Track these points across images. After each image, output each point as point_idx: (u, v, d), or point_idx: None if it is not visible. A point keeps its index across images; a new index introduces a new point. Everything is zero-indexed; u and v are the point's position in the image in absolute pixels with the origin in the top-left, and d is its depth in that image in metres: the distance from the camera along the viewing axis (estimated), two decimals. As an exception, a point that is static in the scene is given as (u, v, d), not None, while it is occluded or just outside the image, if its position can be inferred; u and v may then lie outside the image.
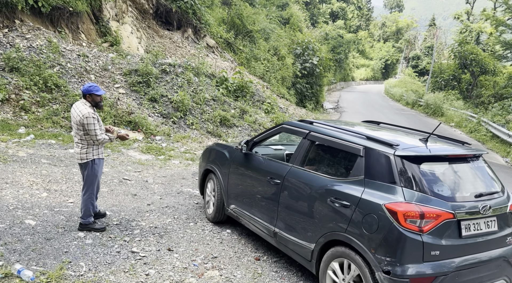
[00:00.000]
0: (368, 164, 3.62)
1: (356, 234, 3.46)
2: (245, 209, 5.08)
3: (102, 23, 14.76)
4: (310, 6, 60.05)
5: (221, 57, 18.83)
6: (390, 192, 3.38)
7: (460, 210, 3.36)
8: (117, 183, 7.07)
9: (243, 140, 5.31)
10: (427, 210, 3.23)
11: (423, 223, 3.21)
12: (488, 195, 3.65)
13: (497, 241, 3.62)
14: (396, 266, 3.20)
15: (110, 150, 8.96)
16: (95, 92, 4.91)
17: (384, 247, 3.26)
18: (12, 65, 9.94)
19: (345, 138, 3.95)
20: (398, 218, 3.21)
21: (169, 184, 7.53)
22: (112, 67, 12.25)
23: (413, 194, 3.32)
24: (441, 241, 3.27)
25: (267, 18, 24.20)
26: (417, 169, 3.44)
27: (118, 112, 10.53)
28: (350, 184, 3.66)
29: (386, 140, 3.67)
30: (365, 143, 3.75)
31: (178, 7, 18.51)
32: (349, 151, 3.86)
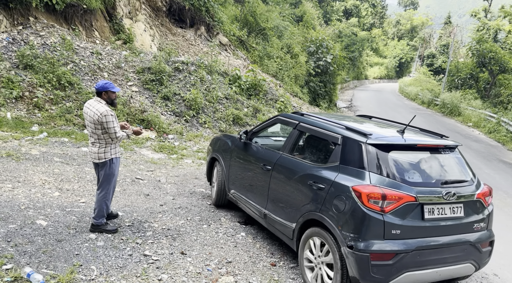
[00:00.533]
0: (344, 152, 3.98)
1: (327, 213, 3.82)
2: (242, 193, 5.54)
3: (115, 20, 14.72)
4: (323, 4, 59.46)
5: (234, 55, 18.67)
6: (359, 176, 3.72)
7: (422, 194, 3.63)
8: (129, 183, 6.97)
9: (243, 130, 5.84)
10: (389, 193, 3.54)
11: (385, 204, 3.52)
12: (455, 183, 3.92)
13: (463, 227, 3.87)
14: (359, 242, 3.52)
15: (123, 149, 8.87)
16: (111, 89, 4.79)
17: (349, 225, 3.60)
18: (26, 62, 9.93)
19: (327, 128, 4.34)
20: (362, 198, 3.55)
21: (181, 184, 7.40)
22: (125, 65, 12.19)
23: (379, 178, 3.65)
24: (403, 221, 3.56)
25: (280, 15, 23.94)
26: (385, 156, 3.77)
27: (131, 110, 10.44)
28: (328, 169, 4.03)
29: (362, 130, 4.01)
30: (343, 132, 4.11)
31: (191, 4, 18.40)
32: (330, 140, 4.23)
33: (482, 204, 4.05)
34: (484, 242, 3.99)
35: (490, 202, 4.18)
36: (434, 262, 3.70)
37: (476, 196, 3.98)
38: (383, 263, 3.51)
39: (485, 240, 4.01)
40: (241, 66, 17.15)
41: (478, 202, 4.01)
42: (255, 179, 5.22)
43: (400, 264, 3.54)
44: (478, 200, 4.00)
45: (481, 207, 4.04)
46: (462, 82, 35.13)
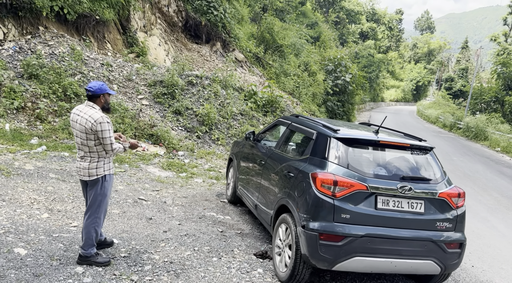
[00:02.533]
0: (315, 145, 4.43)
1: (291, 197, 4.29)
2: (245, 188, 6.09)
3: (129, 33, 14.27)
4: (339, 26, 59.37)
5: (250, 72, 18.04)
6: (321, 165, 4.13)
7: (375, 184, 3.92)
8: (131, 204, 6.12)
9: (250, 130, 6.55)
10: (341, 180, 3.90)
11: (336, 189, 3.87)
12: (416, 180, 4.12)
13: (423, 223, 4.01)
14: (310, 222, 3.88)
15: (128, 165, 8.08)
16: (109, 91, 4.04)
17: (305, 207, 3.99)
18: (31, 72, 9.36)
19: (309, 126, 4.85)
20: (316, 183, 3.94)
21: (190, 206, 6.53)
22: (136, 78, 11.58)
23: (337, 168, 4.03)
24: (353, 208, 3.86)
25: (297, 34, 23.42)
26: (346, 149, 4.16)
27: (139, 124, 9.72)
28: (300, 161, 4.50)
29: (334, 128, 4.41)
30: (318, 129, 4.58)
31: (208, 20, 17.98)
32: (308, 136, 4.71)
33: (447, 204, 4.15)
34: (450, 242, 4.06)
35: (460, 205, 4.24)
36: (388, 252, 3.86)
37: (439, 194, 4.10)
38: (331, 243, 3.76)
39: (452, 241, 4.07)
40: (257, 83, 16.47)
41: (442, 202, 4.12)
42: (253, 174, 5.78)
43: (349, 247, 3.75)
44: (441, 199, 4.12)
45: (446, 207, 4.14)
46: (486, 105, 33.81)
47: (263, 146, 5.97)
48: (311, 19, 44.32)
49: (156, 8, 16.81)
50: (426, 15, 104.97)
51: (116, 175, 7.32)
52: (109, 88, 4.09)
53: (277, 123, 6.05)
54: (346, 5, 59.62)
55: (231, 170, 7.05)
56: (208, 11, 17.79)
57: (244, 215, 6.56)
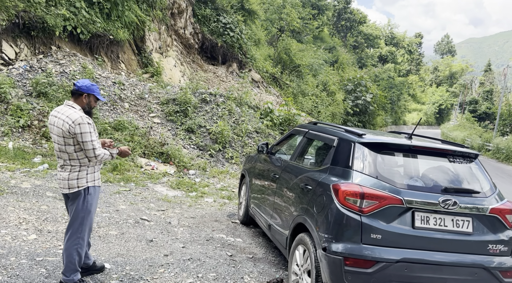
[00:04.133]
0: (336, 153, 3.79)
1: (309, 214, 3.63)
2: (258, 206, 5.42)
3: (144, 54, 14.13)
4: (358, 50, 59.15)
5: (266, 92, 17.61)
6: (344, 175, 3.48)
7: (411, 198, 3.26)
8: (131, 225, 5.51)
9: (263, 142, 6.00)
10: (369, 192, 3.24)
11: (364, 203, 3.22)
12: (461, 193, 3.45)
13: (471, 245, 3.34)
14: (332, 243, 3.22)
15: (134, 184, 7.53)
16: (97, 94, 3.51)
17: (325, 225, 3.33)
18: (39, 90, 9.11)
19: (329, 133, 4.21)
20: (338, 196, 3.29)
21: (197, 227, 5.86)
22: (149, 96, 11.24)
23: (364, 178, 3.37)
24: (386, 226, 3.21)
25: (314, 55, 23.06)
26: (374, 156, 3.52)
27: (149, 142, 9.25)
28: (319, 172, 3.86)
29: (359, 132, 3.76)
30: (340, 134, 3.95)
31: (224, 41, 17.83)
32: (328, 143, 4.09)
33: (501, 223, 3.46)
34: (506, 270, 3.37)
35: None
36: (430, 281, 3.22)
37: (490, 210, 3.41)
38: (359, 270, 3.15)
39: (508, 269, 3.38)
40: (274, 103, 15.96)
41: (494, 219, 3.45)
42: (266, 190, 5.15)
43: (382, 275, 3.14)
44: (493, 216, 3.44)
45: (499, 226, 3.46)
46: (515, 126, 32.26)
47: (277, 159, 5.34)
48: (328, 43, 44.26)
49: (173, 30, 16.79)
50: (447, 39, 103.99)
51: (120, 194, 6.76)
52: (101, 95, 3.54)
53: (293, 132, 5.40)
54: (364, 29, 59.60)
55: (243, 188, 6.39)
56: (224, 33, 17.67)
57: (257, 238, 5.83)
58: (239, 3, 18.30)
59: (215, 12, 17.99)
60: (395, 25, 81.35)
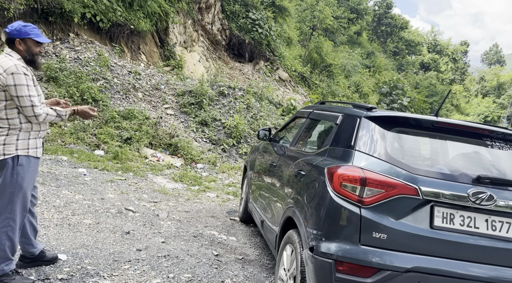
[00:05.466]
0: (338, 132, 3.01)
1: (299, 205, 2.92)
2: (255, 201, 4.75)
3: (167, 47, 13.77)
4: (398, 57, 56.89)
5: (294, 92, 16.79)
6: (343, 157, 2.73)
7: (430, 187, 2.43)
8: (112, 214, 4.89)
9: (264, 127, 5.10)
10: (373, 177, 2.47)
11: (365, 192, 2.46)
12: (500, 185, 2.52)
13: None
14: (321, 242, 2.49)
15: (132, 174, 6.96)
16: (34, 36, 2.90)
17: (315, 218, 2.61)
18: (50, 74, 8.82)
19: (335, 110, 3.37)
20: (333, 182, 2.57)
21: (188, 222, 5.16)
22: (165, 87, 10.77)
23: (368, 159, 2.61)
24: (393, 223, 2.41)
25: (348, 56, 21.97)
26: (384, 133, 2.72)
27: (158, 133, 8.70)
28: (316, 155, 3.13)
29: (369, 106, 2.98)
30: (346, 110, 3.14)
31: (252, 38, 17.24)
32: (331, 121, 3.31)
33: None
34: None
35: None
36: None
37: None
38: (355, 279, 2.35)
39: None
40: (300, 102, 15.12)
41: None
42: (263, 182, 4.48)
43: None
44: None
45: None
46: None
47: (279, 146, 4.68)
48: (367, 49, 42.73)
49: (199, 25, 16.40)
50: (495, 49, 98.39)
51: (112, 183, 6.20)
52: (39, 33, 2.92)
53: (297, 115, 4.61)
54: (405, 35, 57.36)
55: (245, 182, 5.71)
56: (252, 29, 17.08)
57: (254, 237, 5.05)
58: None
59: (244, 8, 17.46)
60: (439, 31, 78.06)
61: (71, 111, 3.08)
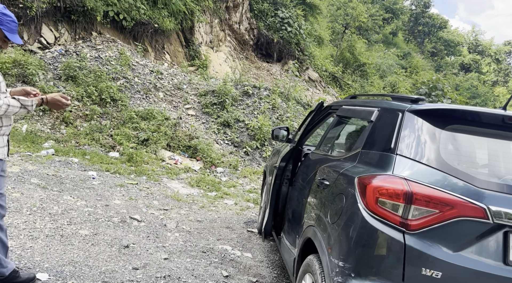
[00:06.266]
0: (372, 131, 2.36)
1: (321, 225, 2.32)
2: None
3: (192, 46, 13.36)
4: (436, 58, 54.42)
5: (324, 92, 15.97)
6: (379, 163, 2.10)
7: (503, 207, 1.78)
8: (114, 224, 4.36)
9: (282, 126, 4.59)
10: (421, 191, 1.83)
11: (411, 211, 1.81)
12: None
13: None
14: (350, 278, 1.88)
15: (146, 177, 6.47)
16: (7, 31, 2.42)
17: (340, 244, 2.01)
18: (68, 73, 8.55)
19: (368, 104, 2.68)
20: (366, 197, 1.93)
21: (199, 234, 4.56)
22: (187, 87, 10.31)
23: (410, 166, 1.98)
24: (451, 255, 1.78)
25: (383, 55, 20.84)
26: (435, 133, 2.06)
27: (176, 134, 8.21)
28: (344, 160, 2.51)
29: (413, 98, 2.29)
30: (384, 104, 2.45)
31: (281, 37, 16.58)
32: (364, 119, 2.63)
33: None
34: None
35: None
36: None
37: None
38: None
39: None
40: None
41: None
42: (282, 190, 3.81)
43: None
44: None
45: None
46: None
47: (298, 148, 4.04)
48: (403, 49, 41.00)
49: (227, 25, 15.94)
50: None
51: (122, 187, 5.71)
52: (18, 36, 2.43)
53: (322, 112, 3.85)
54: (444, 35, 54.84)
55: (264, 189, 5.05)
56: (281, 28, 16.43)
57: (273, 254, 4.38)
58: (300, -4, 16.99)
59: (273, 7, 16.85)
60: (480, 31, 74.41)
61: (39, 101, 2.57)
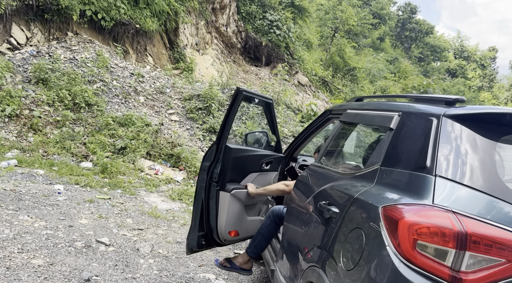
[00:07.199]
0: (394, 142, 1.78)
1: (330, 267, 1.74)
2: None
3: (177, 49, 12.74)
4: (423, 63, 54.79)
5: (314, 97, 15.50)
6: (411, 186, 1.53)
7: None
8: (76, 250, 3.70)
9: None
10: (482, 231, 1.29)
11: (465, 260, 1.27)
12: None
13: None
14: None
15: (121, 191, 5.80)
16: None
17: None
18: (39, 76, 7.85)
19: (382, 107, 2.16)
20: (398, 237, 1.37)
21: (177, 259, 3.93)
22: (170, 91, 9.68)
23: (458, 192, 1.43)
24: None
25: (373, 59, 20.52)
26: (486, 144, 1.51)
27: (157, 142, 7.57)
28: (356, 179, 1.92)
29: (447, 98, 1.74)
30: (406, 107, 1.87)
31: (269, 40, 16.09)
32: (379, 125, 2.13)
33: None
34: None
35: None
36: None
37: None
38: None
39: None
40: (321, 108, 13.79)
41: None
42: None
43: None
44: None
45: None
46: None
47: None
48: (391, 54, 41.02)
49: (213, 27, 15.38)
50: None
51: (92, 203, 5.05)
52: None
53: (323, 117, 3.27)
54: (430, 41, 55.32)
55: None
56: (270, 31, 15.94)
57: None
58: (289, -1, 16.55)
59: (261, 9, 16.37)
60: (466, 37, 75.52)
61: None
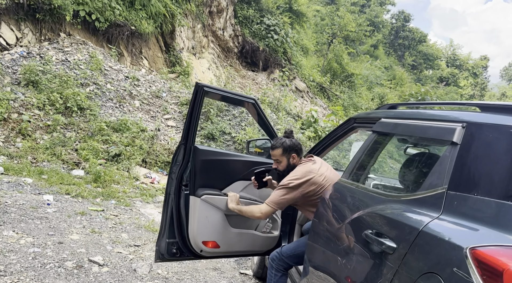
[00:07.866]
0: (463, 160, 1.51)
1: None
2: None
3: (173, 52, 12.41)
4: (416, 71, 55.12)
5: (312, 103, 15.25)
6: (503, 219, 1.29)
7: None
8: (66, 272, 3.34)
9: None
10: None
11: None
12: None
13: None
14: None
15: (115, 202, 5.43)
16: None
17: None
18: (29, 78, 7.46)
19: (436, 118, 1.83)
20: None
21: (179, 281, 3.58)
22: (167, 95, 9.34)
23: None
24: None
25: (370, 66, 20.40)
26: None
27: (153, 149, 7.22)
28: (413, 204, 1.61)
29: None
30: (471, 117, 1.64)
31: (266, 45, 15.84)
32: (437, 138, 1.78)
33: None
34: None
35: None
36: None
37: None
38: None
39: None
40: (320, 115, 13.55)
41: None
42: None
43: None
44: None
45: None
46: None
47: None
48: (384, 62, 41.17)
49: (210, 31, 15.08)
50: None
51: (84, 216, 4.68)
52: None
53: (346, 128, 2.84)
54: (423, 49, 55.72)
55: None
56: (267, 36, 15.69)
57: (273, 310, 3.42)
58: (287, 3, 16.32)
59: (259, 13, 16.13)
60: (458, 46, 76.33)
61: None
